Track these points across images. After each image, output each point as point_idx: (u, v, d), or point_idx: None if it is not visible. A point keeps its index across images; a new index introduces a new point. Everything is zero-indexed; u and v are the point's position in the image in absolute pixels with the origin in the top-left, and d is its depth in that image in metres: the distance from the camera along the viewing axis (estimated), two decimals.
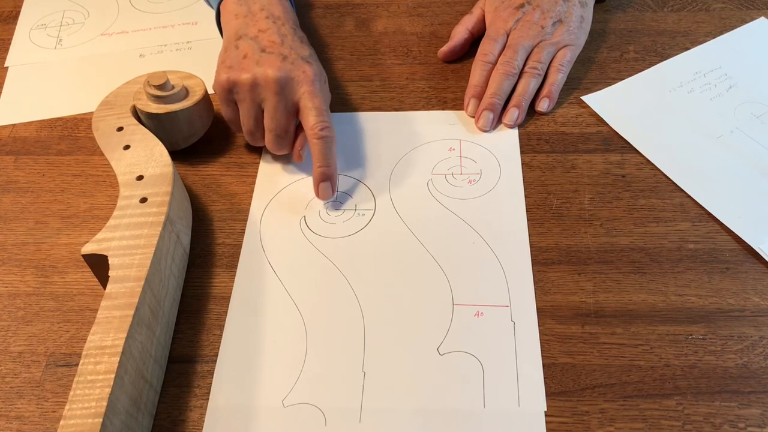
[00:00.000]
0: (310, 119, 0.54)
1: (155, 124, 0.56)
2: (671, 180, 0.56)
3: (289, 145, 0.56)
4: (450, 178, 0.57)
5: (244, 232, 0.54)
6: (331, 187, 0.55)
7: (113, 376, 0.40)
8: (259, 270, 0.52)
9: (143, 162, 0.51)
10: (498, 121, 0.61)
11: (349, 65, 0.67)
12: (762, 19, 0.69)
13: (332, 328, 0.48)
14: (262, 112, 0.55)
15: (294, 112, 0.55)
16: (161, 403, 0.46)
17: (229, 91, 0.55)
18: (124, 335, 0.41)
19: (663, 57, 0.66)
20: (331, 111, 0.63)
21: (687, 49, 0.66)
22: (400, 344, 0.47)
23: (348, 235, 0.54)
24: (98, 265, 0.47)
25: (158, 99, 0.56)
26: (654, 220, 0.53)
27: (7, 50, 0.72)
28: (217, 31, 0.64)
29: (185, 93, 0.57)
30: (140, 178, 0.50)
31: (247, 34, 0.57)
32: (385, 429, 0.44)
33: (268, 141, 0.56)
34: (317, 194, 0.55)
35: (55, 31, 0.74)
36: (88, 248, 0.46)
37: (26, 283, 0.52)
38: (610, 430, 0.43)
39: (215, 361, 0.47)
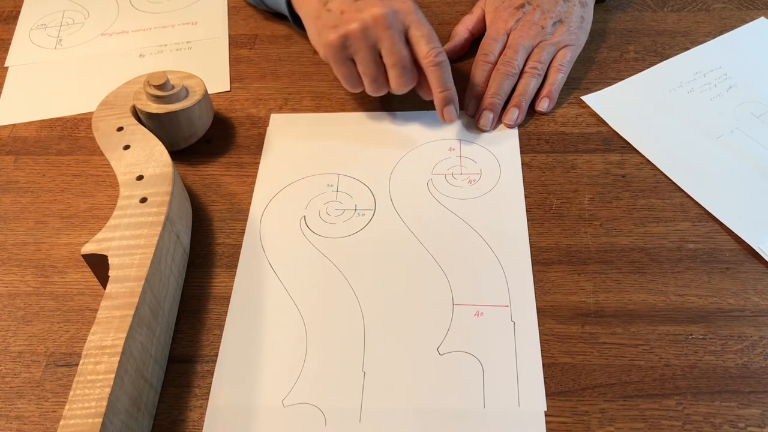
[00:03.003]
0: (422, 47, 0.55)
1: (155, 124, 0.56)
2: (671, 180, 0.56)
3: (414, 77, 0.57)
4: (450, 178, 0.57)
5: (244, 232, 0.54)
6: (454, 110, 0.58)
7: (113, 376, 0.40)
8: (259, 270, 0.52)
9: (143, 162, 0.51)
10: (498, 121, 0.61)
11: None
12: (762, 19, 0.69)
13: (332, 328, 0.48)
14: (380, 55, 0.56)
15: (407, 42, 0.56)
16: (161, 403, 0.46)
17: (343, 47, 0.56)
18: (124, 335, 0.41)
19: (663, 57, 0.66)
20: (331, 111, 0.63)
21: (687, 49, 0.66)
22: (400, 344, 0.47)
23: (348, 235, 0.54)
24: (98, 265, 0.47)
25: (158, 99, 0.56)
26: (654, 220, 0.53)
27: (7, 50, 0.72)
28: (220, 30, 0.64)
29: (185, 93, 0.57)
30: (140, 178, 0.50)
31: None
32: (385, 429, 0.44)
33: (394, 78, 0.56)
34: (442, 118, 0.58)
35: (55, 31, 0.74)
36: (88, 248, 0.46)
37: (26, 283, 0.52)
38: (610, 430, 0.43)
39: (215, 361, 0.47)
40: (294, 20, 0.66)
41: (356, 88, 0.58)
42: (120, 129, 0.54)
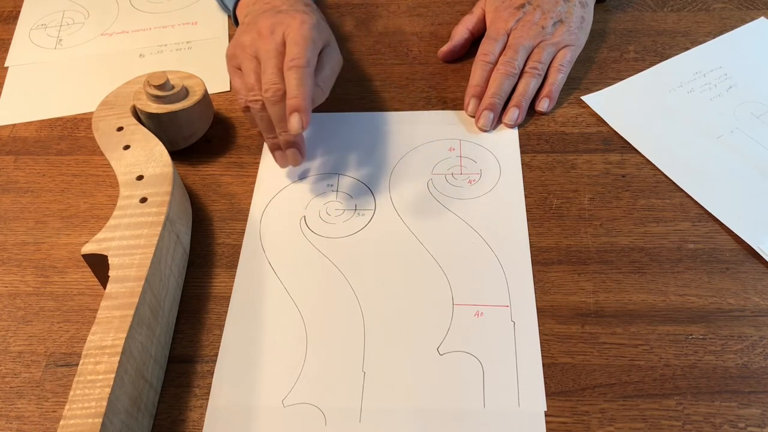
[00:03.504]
0: (288, 51, 0.52)
1: (155, 124, 0.56)
2: (671, 180, 0.56)
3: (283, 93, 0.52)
4: (450, 178, 0.57)
5: (244, 232, 0.54)
6: (298, 121, 0.50)
7: (113, 376, 0.40)
8: (259, 270, 0.52)
9: (143, 162, 0.51)
10: (498, 121, 0.61)
11: (349, 65, 0.67)
12: (762, 19, 0.69)
13: (332, 328, 0.48)
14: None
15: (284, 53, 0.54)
16: (161, 403, 0.46)
17: (234, 57, 0.57)
18: (124, 335, 0.41)
19: (663, 57, 0.66)
20: (331, 111, 0.63)
21: (687, 49, 0.66)
22: (400, 344, 0.47)
23: (348, 235, 0.54)
24: (98, 265, 0.47)
25: (158, 99, 0.56)
26: (654, 220, 0.53)
27: (7, 50, 0.72)
28: (219, 30, 0.64)
29: (185, 93, 0.57)
30: (140, 178, 0.50)
31: (253, 10, 0.59)
32: (385, 429, 0.44)
33: (266, 84, 0.52)
34: (286, 126, 0.52)
35: (55, 31, 0.74)
36: (88, 248, 0.46)
37: (26, 283, 0.52)
38: (610, 430, 0.43)
39: (215, 361, 0.47)
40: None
41: (241, 104, 0.56)
42: (120, 129, 0.54)
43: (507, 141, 0.59)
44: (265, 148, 0.60)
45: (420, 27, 0.71)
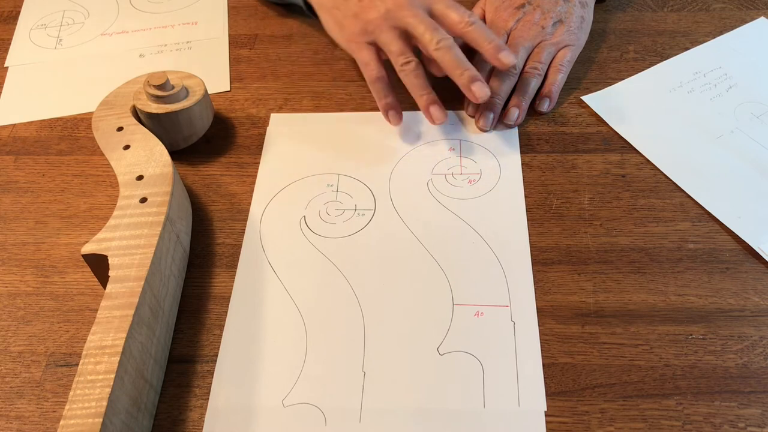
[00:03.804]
0: (451, 16, 0.55)
1: (155, 124, 0.56)
2: (671, 180, 0.56)
3: (450, 38, 0.56)
4: (450, 178, 0.57)
5: (244, 232, 0.54)
6: (510, 54, 0.55)
7: (113, 376, 0.40)
8: (259, 270, 0.52)
9: (143, 162, 0.51)
10: (498, 121, 0.61)
11: (349, 65, 0.67)
12: (762, 19, 0.69)
13: (332, 328, 0.48)
14: (406, 36, 0.56)
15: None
16: (161, 403, 0.46)
17: (365, 33, 0.57)
18: (124, 335, 0.41)
19: (663, 57, 0.66)
20: (331, 111, 0.63)
21: (687, 49, 0.66)
22: (400, 344, 0.47)
23: (348, 235, 0.54)
24: (98, 265, 0.47)
25: (158, 99, 0.56)
26: (654, 220, 0.53)
27: (7, 50, 0.72)
28: (220, 30, 0.64)
29: (185, 93, 0.57)
30: (140, 178, 0.50)
31: None
32: (385, 429, 0.44)
33: (429, 43, 0.55)
34: (499, 64, 0.56)
35: (55, 31, 0.74)
36: (88, 248, 0.46)
37: (26, 283, 0.52)
38: (610, 430, 0.43)
39: (215, 361, 0.47)
40: (308, 7, 0.67)
41: (375, 73, 0.57)
42: (120, 129, 0.54)
43: (507, 141, 0.59)
44: (266, 148, 0.60)
45: None
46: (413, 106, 0.62)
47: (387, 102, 0.58)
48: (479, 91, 0.55)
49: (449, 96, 0.63)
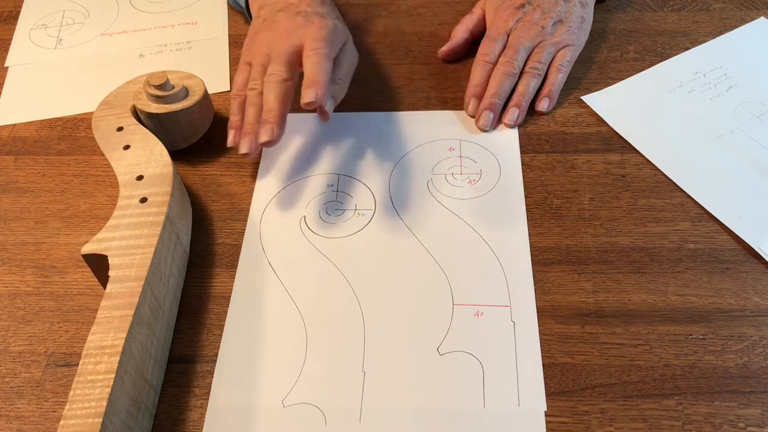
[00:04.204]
0: (306, 72, 0.53)
1: (155, 124, 0.56)
2: (671, 180, 0.56)
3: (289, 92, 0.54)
4: (450, 178, 0.57)
5: (244, 232, 0.54)
6: (315, 92, 0.51)
7: (113, 376, 0.40)
8: (259, 270, 0.52)
9: (143, 162, 0.51)
10: (498, 121, 0.61)
11: None
12: (762, 19, 0.69)
13: (332, 328, 0.48)
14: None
15: (298, 59, 0.55)
16: (161, 403, 0.46)
17: (246, 52, 0.58)
18: (124, 335, 0.41)
19: (663, 57, 0.66)
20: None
21: (687, 49, 0.66)
22: (400, 344, 0.47)
23: (348, 235, 0.54)
24: (98, 265, 0.47)
25: (158, 99, 0.56)
26: (654, 220, 0.53)
27: (7, 50, 0.72)
28: (220, 30, 0.64)
29: (185, 93, 0.57)
30: (140, 178, 0.50)
31: (267, 3, 0.60)
32: (385, 429, 0.44)
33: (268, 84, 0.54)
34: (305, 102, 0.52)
35: (55, 31, 0.74)
36: (88, 248, 0.46)
37: (26, 283, 0.52)
38: (610, 430, 0.43)
39: (215, 361, 0.47)
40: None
41: (236, 97, 0.57)
42: (120, 129, 0.54)
43: (507, 141, 0.59)
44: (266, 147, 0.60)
45: (420, 27, 0.71)
46: (413, 106, 0.63)
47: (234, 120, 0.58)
48: (264, 132, 0.53)
49: (450, 96, 0.63)
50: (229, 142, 0.56)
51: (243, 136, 0.55)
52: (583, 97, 0.62)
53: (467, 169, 0.57)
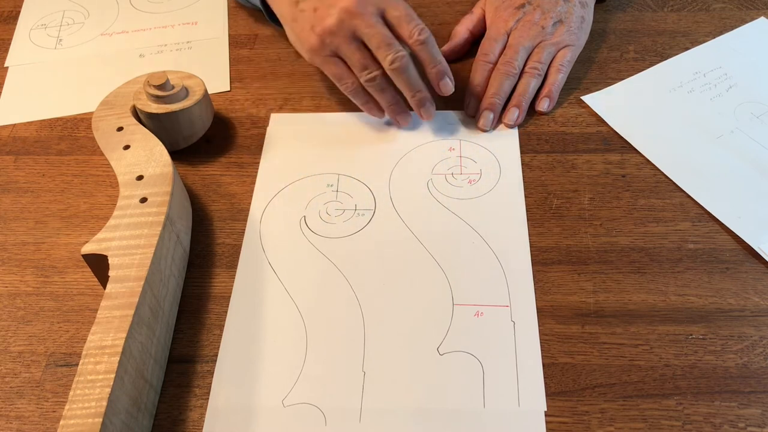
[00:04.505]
0: (404, 28, 0.55)
1: (155, 124, 0.56)
2: (671, 180, 0.56)
3: (404, 52, 0.55)
4: (450, 178, 0.57)
5: (244, 232, 0.54)
6: (450, 82, 0.57)
7: (113, 376, 0.40)
8: (259, 270, 0.52)
9: (143, 162, 0.51)
10: (498, 121, 0.61)
11: None
12: (762, 19, 0.69)
13: (332, 328, 0.48)
14: (365, 46, 0.55)
15: (387, 26, 0.55)
16: (161, 403, 0.46)
17: (323, 46, 0.56)
18: (124, 335, 0.41)
19: (663, 57, 0.66)
20: (331, 111, 0.63)
21: (687, 49, 0.66)
22: (400, 344, 0.47)
23: (348, 235, 0.54)
24: (98, 265, 0.47)
25: (158, 99, 0.56)
26: (654, 220, 0.53)
27: (7, 50, 0.72)
28: (220, 30, 0.64)
29: (185, 93, 0.57)
30: (140, 178, 0.50)
31: None
32: (385, 429, 0.44)
33: (384, 59, 0.55)
34: (439, 91, 0.58)
35: (55, 31, 0.74)
36: (88, 248, 0.46)
37: (26, 283, 0.52)
38: (610, 430, 0.43)
39: (215, 361, 0.47)
40: (270, 17, 0.66)
41: (351, 87, 0.57)
42: (120, 129, 0.54)
43: (507, 141, 0.59)
44: (266, 148, 0.60)
45: None
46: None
47: (372, 104, 0.59)
48: (426, 114, 0.58)
49: (450, 96, 0.63)
50: (403, 123, 0.59)
51: (426, 110, 0.58)
52: (583, 97, 0.62)
53: (467, 169, 0.57)
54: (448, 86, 0.57)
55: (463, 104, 0.62)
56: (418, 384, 0.45)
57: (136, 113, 0.57)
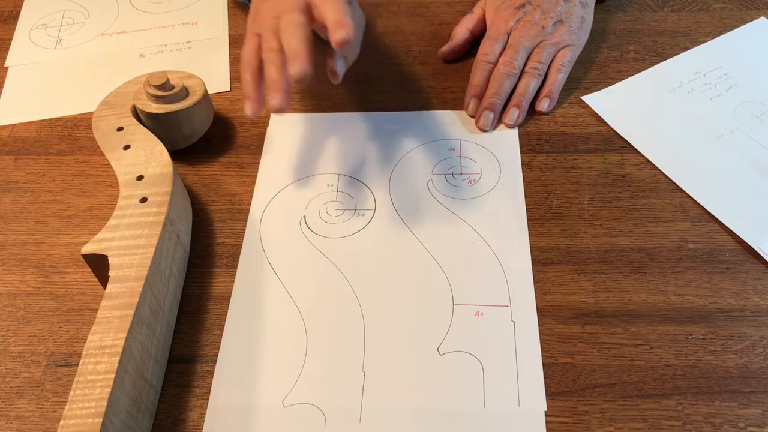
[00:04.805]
0: (328, 17, 0.48)
1: (155, 124, 0.56)
2: (671, 180, 0.56)
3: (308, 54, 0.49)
4: (450, 178, 0.57)
5: (244, 232, 0.54)
6: (346, 31, 0.47)
7: (113, 376, 0.40)
8: (259, 270, 0.52)
9: (143, 162, 0.51)
10: (498, 121, 0.61)
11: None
12: (762, 19, 0.69)
13: (332, 328, 0.48)
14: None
15: (309, 16, 0.50)
16: (161, 403, 0.46)
17: (252, 23, 0.53)
18: (124, 335, 0.41)
19: (663, 57, 0.66)
20: (331, 111, 0.63)
21: (687, 49, 0.66)
22: (400, 344, 0.47)
23: (348, 235, 0.54)
24: (98, 265, 0.47)
25: (158, 99, 0.56)
26: (654, 220, 0.53)
27: (7, 50, 0.72)
28: (220, 30, 0.64)
29: (185, 93, 0.57)
30: (140, 178, 0.50)
31: None
32: (385, 429, 0.44)
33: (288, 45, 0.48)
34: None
35: (55, 31, 0.74)
36: (88, 248, 0.46)
37: (26, 283, 0.52)
38: (610, 430, 0.43)
39: (215, 361, 0.47)
40: None
41: (248, 69, 0.52)
42: (120, 129, 0.54)
43: (507, 141, 0.59)
44: (266, 148, 0.60)
45: (420, 27, 0.71)
46: (413, 106, 0.63)
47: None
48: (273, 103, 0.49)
49: (450, 96, 0.63)
50: (249, 110, 0.50)
51: (271, 94, 0.49)
52: (583, 97, 0.62)
53: (467, 169, 0.57)
54: (340, 37, 0.47)
55: (463, 104, 0.62)
56: (418, 384, 0.45)
57: (136, 113, 0.57)
